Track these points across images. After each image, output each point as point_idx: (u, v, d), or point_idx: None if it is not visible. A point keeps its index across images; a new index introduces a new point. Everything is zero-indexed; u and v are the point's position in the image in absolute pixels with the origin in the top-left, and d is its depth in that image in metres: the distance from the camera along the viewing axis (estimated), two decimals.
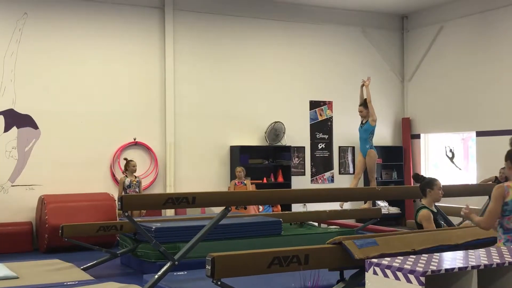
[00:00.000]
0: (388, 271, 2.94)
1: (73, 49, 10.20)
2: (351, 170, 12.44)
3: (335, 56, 12.37)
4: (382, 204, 12.14)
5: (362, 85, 9.55)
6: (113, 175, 10.36)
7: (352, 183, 9.71)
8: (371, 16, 12.72)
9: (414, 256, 3.19)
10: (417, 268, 2.87)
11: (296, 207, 11.16)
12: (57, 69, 10.08)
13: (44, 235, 9.15)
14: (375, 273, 3.00)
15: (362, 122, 9.35)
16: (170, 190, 10.63)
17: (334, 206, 9.57)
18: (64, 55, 10.13)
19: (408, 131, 12.83)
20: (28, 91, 9.84)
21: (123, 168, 9.88)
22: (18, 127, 9.79)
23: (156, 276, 5.68)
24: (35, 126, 9.90)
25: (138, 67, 10.68)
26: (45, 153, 9.90)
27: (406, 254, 4.51)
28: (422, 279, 2.79)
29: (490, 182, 9.09)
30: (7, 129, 9.72)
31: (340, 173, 12.38)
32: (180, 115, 10.94)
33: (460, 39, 11.81)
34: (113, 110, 10.43)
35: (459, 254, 3.34)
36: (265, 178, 11.46)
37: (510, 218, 4.29)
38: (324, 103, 12.28)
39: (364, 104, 9.32)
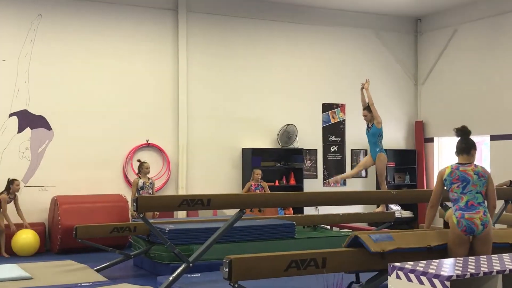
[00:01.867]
0: (411, 275, 2.90)
1: (87, 50, 10.22)
2: (363, 173, 12.38)
3: (348, 59, 12.32)
4: (394, 207, 12.07)
5: (362, 88, 9.35)
6: (126, 177, 10.36)
7: (352, 171, 9.80)
8: (385, 19, 12.67)
9: (437, 261, 3.14)
10: (442, 273, 2.82)
11: (308, 210, 11.11)
12: (71, 71, 10.10)
13: (57, 236, 9.16)
14: (398, 277, 2.96)
15: (368, 126, 9.20)
16: (182, 192, 10.61)
17: (346, 209, 9.52)
18: (78, 57, 10.15)
19: (421, 135, 12.75)
20: (41, 92, 9.86)
21: (136, 169, 9.87)
22: (31, 128, 9.81)
23: (171, 278, 5.66)
24: (48, 127, 9.92)
25: (151, 69, 10.68)
26: (58, 154, 9.92)
27: (422, 249, 4.49)
28: (447, 283, 2.74)
29: (505, 187, 8.99)
30: (20, 130, 9.74)
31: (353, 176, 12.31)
32: (192, 117, 10.93)
33: (474, 42, 11.73)
34: (126, 112, 10.44)
35: (483, 258, 3.29)
36: (277, 181, 11.41)
37: (452, 190, 5.12)
38: (337, 105, 12.24)
39: (368, 108, 9.14)
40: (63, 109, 9.99)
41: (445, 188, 5.24)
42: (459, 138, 5.38)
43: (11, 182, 9.18)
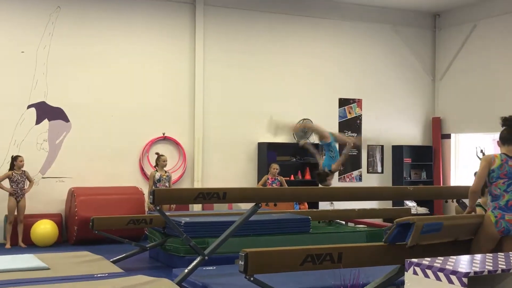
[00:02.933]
0: (429, 271, 2.88)
1: (104, 43, 10.27)
2: (379, 169, 12.35)
3: (365, 54, 12.26)
4: (410, 204, 12.01)
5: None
6: (142, 169, 10.41)
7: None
8: (403, 14, 12.58)
9: (455, 257, 3.13)
10: (459, 269, 2.81)
11: (323, 205, 11.10)
12: (89, 63, 10.16)
13: (74, 227, 9.24)
14: (415, 273, 2.95)
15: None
16: (197, 185, 10.65)
17: (362, 205, 9.49)
18: (95, 49, 10.20)
19: (438, 131, 12.66)
20: (59, 84, 9.93)
21: (153, 162, 9.92)
22: (49, 120, 9.89)
23: (186, 271, 5.68)
24: (66, 119, 9.99)
25: (168, 62, 10.71)
26: (76, 146, 9.99)
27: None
28: (465, 280, 2.72)
29: None
30: (38, 121, 9.83)
31: (368, 172, 12.28)
32: (208, 110, 10.95)
33: (493, 38, 11.61)
34: (143, 105, 10.48)
35: (501, 255, 3.27)
36: (292, 176, 11.41)
37: (497, 185, 4.86)
38: (354, 100, 12.19)
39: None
40: (81, 101, 10.06)
41: (488, 179, 4.95)
42: (504, 127, 5.04)
43: (14, 158, 9.19)
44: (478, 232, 4.82)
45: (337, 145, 8.47)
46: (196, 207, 10.49)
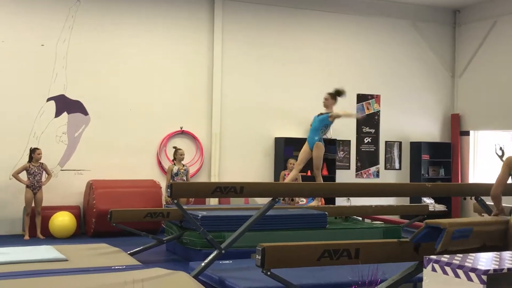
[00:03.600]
0: (447, 269, 2.87)
1: (123, 37, 10.32)
2: (397, 166, 12.28)
3: (384, 49, 12.19)
4: (428, 201, 11.94)
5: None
6: (160, 163, 10.46)
7: (291, 174, 9.01)
8: (423, 10, 12.48)
9: (474, 254, 3.11)
10: (479, 266, 2.79)
11: (340, 201, 11.07)
12: (108, 57, 10.21)
13: (92, 219, 9.31)
14: (433, 270, 2.94)
15: (321, 112, 8.77)
16: (214, 179, 10.68)
17: (379, 201, 9.46)
18: (115, 43, 10.26)
19: (457, 128, 12.56)
20: (79, 77, 10.00)
21: (171, 156, 9.96)
22: (68, 113, 9.97)
23: (203, 264, 5.70)
24: (85, 112, 10.07)
25: (187, 57, 10.74)
26: (94, 139, 10.06)
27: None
28: (484, 277, 2.71)
29: None
30: (58, 114, 9.91)
31: (386, 168, 12.23)
32: (226, 105, 10.96)
33: None
34: (161, 99, 10.52)
35: None
36: (309, 171, 11.36)
37: None
38: (372, 96, 12.13)
39: (333, 94, 8.77)
40: (100, 94, 10.12)
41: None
42: None
43: (32, 151, 9.27)
44: (506, 238, 4.66)
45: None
46: (213, 201, 10.51)
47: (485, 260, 2.96)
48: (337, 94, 8.82)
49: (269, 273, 4.15)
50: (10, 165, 9.46)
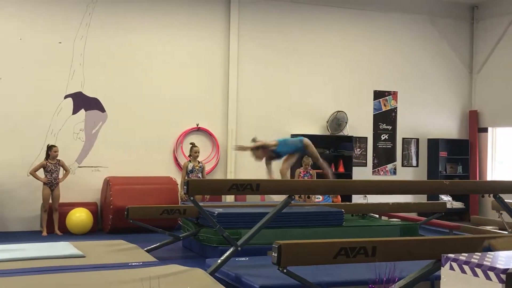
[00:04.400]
0: (466, 267, 2.83)
1: (140, 34, 10.36)
2: (414, 163, 12.21)
3: (401, 45, 12.11)
4: (445, 198, 11.86)
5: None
6: (176, 160, 10.49)
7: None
8: (440, 5, 12.38)
9: (492, 253, 3.07)
10: (498, 265, 2.75)
11: (356, 199, 11.03)
12: (125, 54, 10.25)
13: (109, 216, 9.37)
14: (451, 268, 2.90)
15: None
16: (230, 176, 10.68)
17: (396, 199, 9.40)
18: (131, 40, 10.30)
19: (475, 124, 12.45)
20: (96, 74, 10.06)
21: (188, 152, 9.99)
22: (86, 110, 10.03)
23: (219, 261, 5.70)
24: (102, 109, 10.12)
25: (203, 54, 10.75)
26: (111, 136, 10.12)
27: None
28: (503, 276, 2.67)
29: None
30: (75, 111, 9.97)
31: (403, 165, 12.15)
32: (242, 102, 10.95)
33: None
34: (177, 96, 10.55)
35: None
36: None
37: None
38: (389, 93, 12.06)
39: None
40: (117, 92, 10.17)
41: None
42: None
43: (49, 148, 9.33)
44: None
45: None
46: (229, 198, 10.52)
47: (504, 259, 2.92)
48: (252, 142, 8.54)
49: (285, 270, 4.13)
50: (28, 162, 9.55)
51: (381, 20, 11.95)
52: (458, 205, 12.13)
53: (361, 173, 11.59)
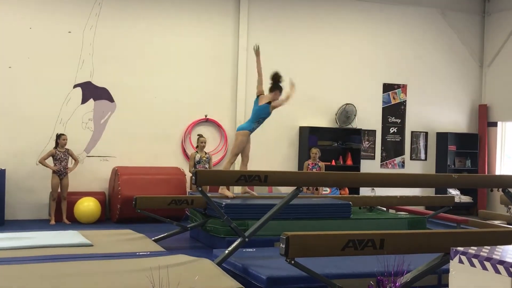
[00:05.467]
0: (475, 261, 2.83)
1: (149, 24, 10.34)
2: (422, 156, 12.17)
3: (412, 38, 12.04)
4: (453, 192, 11.82)
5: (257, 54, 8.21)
6: (184, 150, 10.50)
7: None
8: None
9: (502, 247, 3.06)
10: (507, 259, 2.74)
11: (364, 191, 11.01)
12: (134, 44, 10.25)
13: (117, 205, 9.40)
14: (460, 261, 2.90)
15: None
16: (238, 167, 10.66)
17: (403, 192, 9.38)
18: (141, 31, 10.28)
19: (484, 119, 12.38)
20: (105, 64, 10.06)
21: (195, 143, 10.00)
22: (94, 100, 10.04)
23: (227, 251, 5.72)
24: (111, 99, 10.13)
25: (212, 45, 10.73)
26: (120, 126, 10.13)
27: None
28: None
29: None
30: (84, 101, 9.99)
31: (411, 158, 12.11)
32: (250, 93, 10.89)
33: None
34: (186, 87, 10.54)
35: None
36: (333, 161, 11.34)
37: None
38: (398, 86, 12.00)
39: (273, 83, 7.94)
40: (126, 82, 10.17)
41: None
42: None
43: (58, 136, 9.36)
44: None
45: None
46: (236, 190, 10.51)
47: None
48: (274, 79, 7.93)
49: (293, 262, 4.14)
50: (36, 151, 9.58)
51: (391, 13, 11.88)
52: (466, 199, 12.10)
53: (369, 166, 11.57)
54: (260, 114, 7.89)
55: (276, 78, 7.93)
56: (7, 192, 9.30)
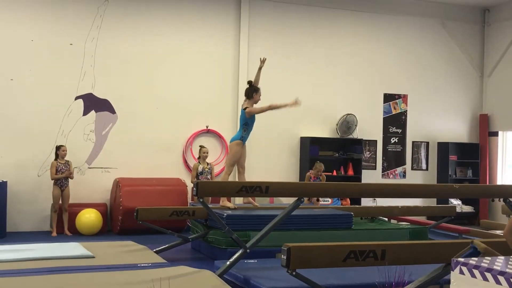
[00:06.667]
0: (476, 271, 2.82)
1: (151, 36, 10.39)
2: (424, 166, 12.17)
3: (412, 49, 12.08)
4: (455, 202, 11.80)
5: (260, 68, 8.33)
6: (185, 161, 10.51)
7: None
8: (451, 8, 12.34)
9: (503, 257, 3.05)
10: (508, 270, 2.74)
11: (365, 202, 11.00)
12: (135, 56, 10.29)
13: (118, 217, 9.40)
14: (461, 272, 2.89)
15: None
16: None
17: (405, 202, 9.38)
18: (142, 42, 10.33)
19: (485, 128, 12.39)
20: (106, 76, 10.10)
21: (197, 154, 10.00)
22: (96, 111, 10.07)
23: (228, 263, 5.71)
24: (112, 111, 10.16)
25: (213, 56, 10.77)
26: (121, 137, 10.15)
27: None
28: None
29: None
30: (86, 112, 10.02)
31: (412, 168, 12.12)
32: None
33: None
34: (187, 98, 10.57)
35: None
36: (335, 171, 11.34)
37: None
38: (399, 96, 12.03)
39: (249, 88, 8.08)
40: (127, 93, 10.21)
41: None
42: None
43: (57, 148, 9.39)
44: None
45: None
46: (238, 201, 10.51)
47: None
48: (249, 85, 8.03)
49: (294, 273, 4.14)
50: (38, 162, 9.61)
51: (391, 23, 11.93)
52: (467, 209, 12.08)
53: (370, 176, 11.57)
54: (240, 121, 8.05)
55: (249, 86, 8.15)
56: (9, 204, 9.30)
